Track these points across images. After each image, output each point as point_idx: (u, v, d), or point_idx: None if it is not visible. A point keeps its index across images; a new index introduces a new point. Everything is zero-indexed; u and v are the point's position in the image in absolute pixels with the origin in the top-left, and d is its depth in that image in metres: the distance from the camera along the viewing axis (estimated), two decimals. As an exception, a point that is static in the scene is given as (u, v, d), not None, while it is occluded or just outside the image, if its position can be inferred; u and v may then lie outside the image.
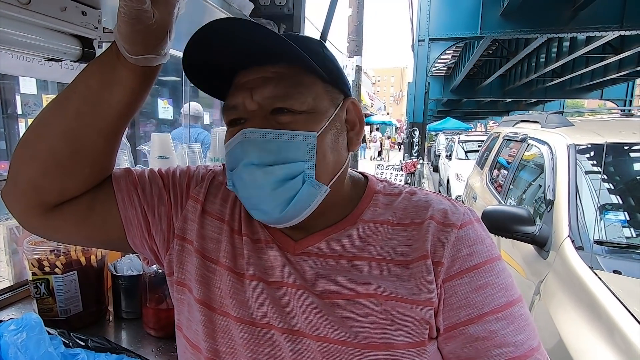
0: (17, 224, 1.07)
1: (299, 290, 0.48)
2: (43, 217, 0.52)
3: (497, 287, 0.47)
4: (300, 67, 0.48)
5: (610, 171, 1.78)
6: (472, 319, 0.45)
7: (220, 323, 0.50)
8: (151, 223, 0.55)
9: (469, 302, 0.46)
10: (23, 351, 0.62)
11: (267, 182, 0.46)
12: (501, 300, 0.47)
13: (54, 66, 1.00)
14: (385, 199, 0.54)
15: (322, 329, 0.46)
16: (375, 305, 0.46)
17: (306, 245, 0.51)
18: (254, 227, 0.54)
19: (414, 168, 7.11)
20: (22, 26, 0.59)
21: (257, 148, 0.46)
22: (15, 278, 1.09)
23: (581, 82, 12.72)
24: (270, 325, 0.48)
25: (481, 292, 0.46)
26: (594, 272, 1.32)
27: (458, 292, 0.46)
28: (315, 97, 0.48)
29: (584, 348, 1.15)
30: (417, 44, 8.49)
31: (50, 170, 0.49)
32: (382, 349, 0.44)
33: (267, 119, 0.47)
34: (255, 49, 0.46)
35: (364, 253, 0.49)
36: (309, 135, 0.47)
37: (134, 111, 0.51)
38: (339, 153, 0.50)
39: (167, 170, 0.60)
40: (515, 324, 0.46)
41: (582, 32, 7.24)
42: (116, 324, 1.01)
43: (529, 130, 2.53)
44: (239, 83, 0.49)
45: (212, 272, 0.52)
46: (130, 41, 0.44)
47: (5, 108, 3.17)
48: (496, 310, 0.46)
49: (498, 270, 0.48)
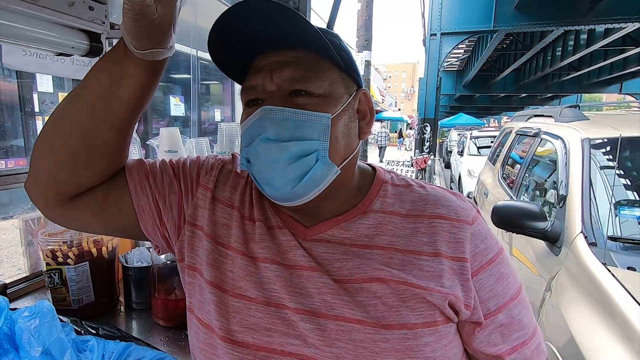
0: (32, 217, 1.11)
1: (314, 272, 0.50)
2: (63, 207, 0.55)
3: (509, 276, 0.53)
4: (318, 53, 0.49)
5: (627, 166, 1.73)
6: (500, 308, 0.51)
7: (232, 304, 0.51)
8: (162, 211, 0.57)
9: (494, 293, 0.51)
10: (36, 337, 0.65)
11: (282, 157, 0.47)
12: (514, 286, 0.53)
13: (66, 62, 1.02)
14: (393, 189, 0.55)
15: (339, 309, 0.47)
16: (387, 289, 0.48)
17: (317, 231, 0.53)
18: (265, 214, 0.56)
19: (425, 164, 7.04)
20: (31, 21, 0.61)
21: (274, 124, 0.47)
22: (31, 269, 1.13)
23: (599, 76, 12.34)
24: (284, 306, 0.49)
25: (501, 282, 0.51)
26: (607, 268, 1.29)
27: (484, 285, 0.50)
28: (331, 83, 0.50)
29: (595, 345, 1.13)
30: (428, 38, 8.37)
31: (67, 163, 0.52)
32: (397, 328, 0.46)
33: (285, 99, 0.49)
34: (281, 32, 0.47)
35: (374, 242, 0.51)
36: (325, 117, 0.48)
37: (144, 104, 0.53)
38: (350, 138, 0.52)
39: (178, 161, 0.62)
40: (523, 305, 0.53)
41: (600, 24, 7.00)
42: (127, 314, 1.04)
43: (543, 124, 2.47)
44: (258, 66, 0.51)
45: (223, 256, 0.54)
46: (136, 36, 0.46)
47: (23, 106, 3.26)
48: (514, 297, 0.52)
49: (505, 260, 0.53)
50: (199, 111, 4.48)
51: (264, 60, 0.50)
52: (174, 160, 0.61)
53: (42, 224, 1.11)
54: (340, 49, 0.52)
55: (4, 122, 3.23)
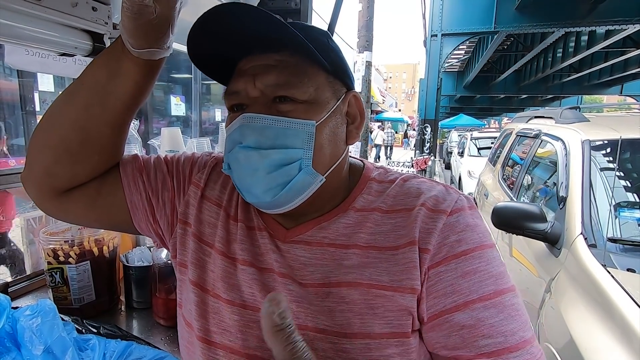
0: (34, 216, 1.11)
1: (284, 278, 0.49)
2: (56, 200, 0.55)
3: (486, 274, 0.44)
4: (304, 56, 0.48)
5: (627, 168, 1.74)
6: (458, 306, 0.43)
7: (212, 304, 0.51)
8: (155, 208, 0.57)
9: (455, 288, 0.44)
10: (38, 335, 0.65)
11: (262, 165, 0.46)
12: (490, 287, 0.44)
13: (68, 62, 1.02)
14: (378, 186, 0.53)
15: (302, 317, 0.47)
16: (356, 295, 0.46)
17: (297, 233, 0.51)
18: (249, 214, 0.55)
19: (425, 165, 7.04)
20: (35, 22, 0.62)
21: (255, 132, 0.46)
22: (32, 267, 1.13)
23: (600, 78, 12.33)
24: (259, 309, 0.48)
25: (468, 278, 0.44)
26: (606, 270, 1.29)
27: (443, 278, 0.44)
28: (317, 88, 0.48)
29: (595, 347, 1.13)
30: (429, 39, 8.37)
31: (61, 158, 0.52)
32: (359, 337, 0.44)
33: (268, 106, 0.47)
34: (260, 36, 0.46)
35: (352, 241, 0.49)
36: (309, 124, 0.47)
37: (140, 102, 0.53)
38: (336, 145, 0.50)
39: (173, 157, 0.61)
40: (505, 313, 0.43)
41: (601, 26, 6.99)
42: (127, 313, 1.04)
43: (543, 126, 2.47)
44: (242, 69, 0.50)
45: (207, 255, 0.54)
46: (134, 35, 0.46)
47: (24, 105, 3.27)
48: (484, 297, 0.43)
49: (489, 258, 0.45)
50: (200, 111, 4.48)
51: (248, 64, 0.49)
52: (169, 157, 0.61)
53: (43, 223, 1.12)
54: (328, 49, 0.50)
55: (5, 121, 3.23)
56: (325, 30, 0.53)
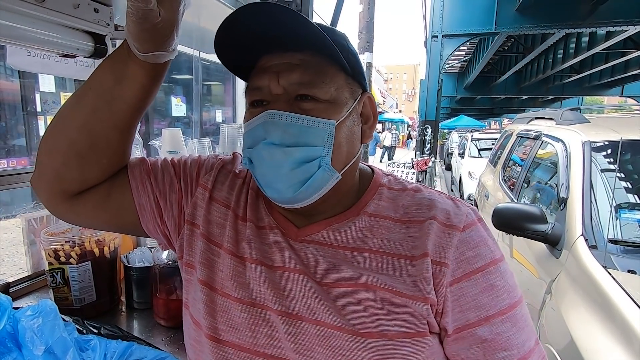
0: (35, 216, 1.11)
1: (300, 275, 0.50)
2: (66, 203, 0.56)
3: (502, 288, 0.48)
4: (326, 57, 0.49)
5: (627, 169, 1.74)
6: (480, 321, 0.47)
7: (221, 303, 0.52)
8: (163, 209, 0.58)
9: (477, 304, 0.47)
10: (39, 335, 0.65)
11: (286, 162, 0.47)
12: (506, 302, 0.48)
13: (69, 63, 1.03)
14: (389, 193, 0.55)
15: (320, 314, 0.47)
16: (370, 296, 0.47)
17: (309, 232, 0.53)
18: (259, 214, 0.56)
19: (426, 166, 7.03)
20: (38, 23, 0.62)
21: (279, 129, 0.47)
22: (33, 268, 1.13)
23: (600, 79, 12.31)
24: (268, 307, 0.49)
25: (487, 293, 0.47)
26: (607, 271, 1.29)
27: (466, 294, 0.47)
28: (337, 88, 0.50)
29: (595, 348, 1.13)
30: (430, 40, 8.37)
31: (70, 161, 0.53)
32: (375, 337, 0.45)
33: (290, 103, 0.49)
34: (289, 35, 0.47)
35: (364, 245, 0.50)
36: (329, 124, 0.48)
37: (146, 105, 0.54)
38: (352, 144, 0.52)
39: (179, 160, 0.62)
40: (517, 326, 0.48)
41: (601, 27, 6.98)
42: (128, 313, 1.04)
43: (544, 127, 2.47)
44: (264, 66, 0.50)
45: (216, 255, 0.54)
46: (139, 39, 0.47)
47: (25, 105, 3.28)
48: (502, 311, 0.47)
49: (502, 272, 0.49)
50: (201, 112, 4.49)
51: (270, 61, 0.50)
52: (176, 159, 0.62)
53: (44, 223, 1.12)
54: (347, 51, 0.51)
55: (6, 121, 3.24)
56: (344, 33, 0.55)
